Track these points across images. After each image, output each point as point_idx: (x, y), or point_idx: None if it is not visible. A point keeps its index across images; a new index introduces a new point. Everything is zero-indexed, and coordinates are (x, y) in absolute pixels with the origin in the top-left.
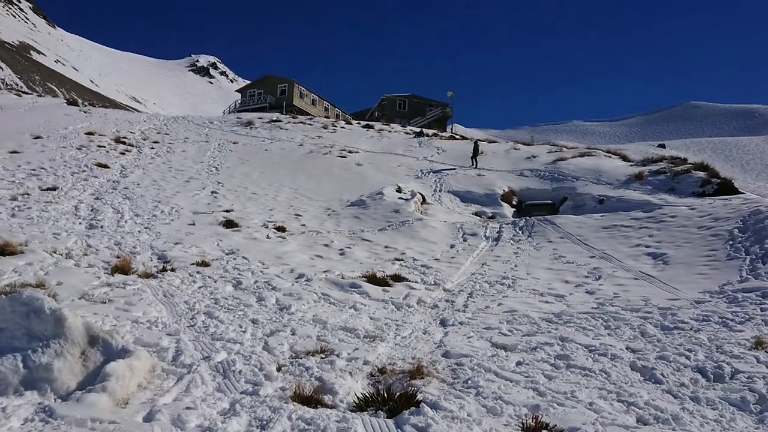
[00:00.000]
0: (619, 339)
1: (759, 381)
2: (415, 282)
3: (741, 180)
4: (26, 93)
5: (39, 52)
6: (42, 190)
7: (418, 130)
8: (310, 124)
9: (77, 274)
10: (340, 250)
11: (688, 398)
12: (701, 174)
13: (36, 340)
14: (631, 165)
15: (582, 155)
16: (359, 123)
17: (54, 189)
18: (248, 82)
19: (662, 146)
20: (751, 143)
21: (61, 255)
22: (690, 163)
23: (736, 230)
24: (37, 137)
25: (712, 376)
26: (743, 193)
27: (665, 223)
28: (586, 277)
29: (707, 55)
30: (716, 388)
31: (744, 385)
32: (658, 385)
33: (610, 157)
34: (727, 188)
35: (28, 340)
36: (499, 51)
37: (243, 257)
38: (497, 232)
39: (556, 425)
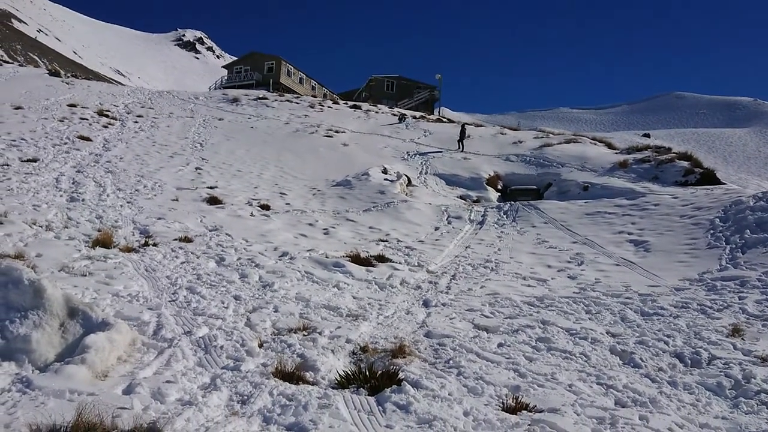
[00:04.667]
0: (600, 323)
1: (735, 367)
2: (399, 263)
3: (723, 171)
4: (7, 62)
5: (20, 21)
6: (22, 161)
7: (401, 114)
8: (297, 103)
9: (57, 247)
10: (324, 229)
11: (665, 382)
12: (685, 164)
13: (14, 311)
14: (616, 153)
15: (568, 142)
16: (346, 103)
17: (35, 161)
18: (235, 58)
19: (647, 135)
20: (734, 135)
21: (41, 227)
22: (674, 153)
23: (717, 220)
24: (18, 107)
25: (689, 362)
26: (725, 183)
27: (648, 211)
28: (569, 262)
29: (694, 46)
30: (693, 373)
31: (720, 371)
32: (636, 369)
33: (595, 144)
34: (709, 178)
35: (5, 311)
36: (488, 37)
37: (226, 234)
38: (482, 216)
39: (536, 406)
